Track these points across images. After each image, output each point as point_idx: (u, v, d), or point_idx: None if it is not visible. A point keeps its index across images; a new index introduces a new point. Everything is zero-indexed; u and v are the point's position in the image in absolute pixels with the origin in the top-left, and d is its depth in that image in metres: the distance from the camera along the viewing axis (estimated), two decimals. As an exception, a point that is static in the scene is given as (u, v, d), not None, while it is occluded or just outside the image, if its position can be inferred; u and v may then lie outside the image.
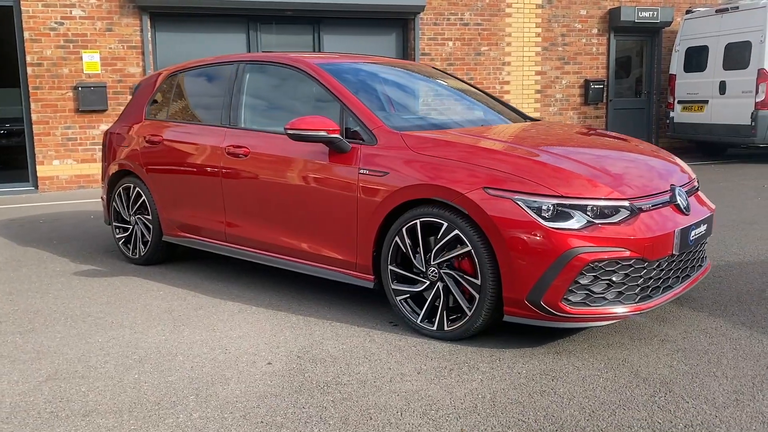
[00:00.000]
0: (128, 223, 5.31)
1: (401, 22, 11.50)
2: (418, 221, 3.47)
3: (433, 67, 5.19)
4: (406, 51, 11.58)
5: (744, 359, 3.14)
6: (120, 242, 5.38)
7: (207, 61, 5.00)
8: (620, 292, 3.21)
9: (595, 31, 12.60)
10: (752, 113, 11.05)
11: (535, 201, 3.16)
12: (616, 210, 3.21)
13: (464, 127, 4.13)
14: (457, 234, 3.32)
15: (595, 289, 3.16)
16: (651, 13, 12.60)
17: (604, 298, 3.18)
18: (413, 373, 3.08)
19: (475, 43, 11.76)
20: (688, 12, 12.43)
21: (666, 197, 3.45)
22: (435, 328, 3.48)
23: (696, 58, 12.16)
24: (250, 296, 4.35)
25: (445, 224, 3.36)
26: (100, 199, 5.92)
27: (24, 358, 3.39)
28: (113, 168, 5.37)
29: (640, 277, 3.23)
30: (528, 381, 2.97)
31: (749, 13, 11.22)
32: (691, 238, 3.47)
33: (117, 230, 5.41)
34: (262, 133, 4.31)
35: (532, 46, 12.18)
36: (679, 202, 3.49)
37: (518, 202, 3.17)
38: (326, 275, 3.99)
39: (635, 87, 13.54)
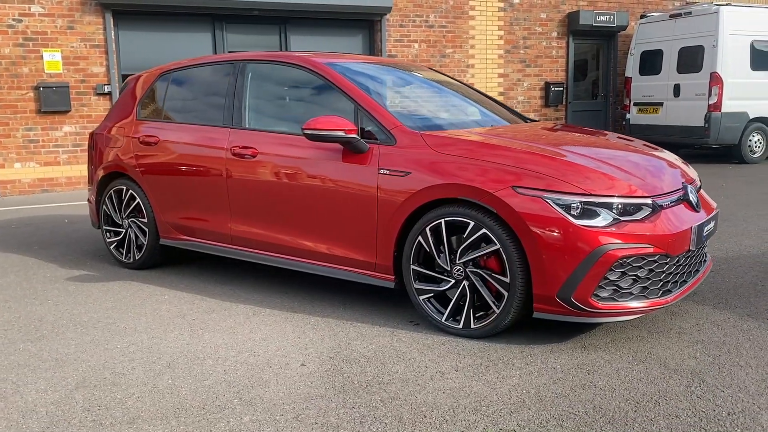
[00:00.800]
0: (120, 226, 5.17)
1: (368, 24, 11.53)
2: (443, 220, 3.51)
3: (429, 68, 5.24)
4: (372, 52, 11.61)
5: (761, 349, 3.30)
6: (111, 246, 5.23)
7: (203, 60, 4.92)
8: (645, 287, 3.32)
9: (554, 34, 12.91)
10: (705, 115, 11.53)
11: (564, 199, 3.24)
12: (638, 207, 3.32)
13: (476, 127, 4.19)
14: (484, 233, 3.38)
15: (622, 285, 3.26)
16: (608, 17, 13.00)
17: (631, 293, 3.29)
18: (451, 370, 3.12)
19: (440, 45, 11.89)
20: (642, 17, 12.87)
21: (680, 195, 3.59)
22: (461, 326, 3.52)
23: (650, 62, 12.60)
24: (260, 299, 4.31)
25: (472, 223, 3.41)
26: (87, 202, 5.73)
27: (44, 367, 3.28)
28: (103, 170, 5.21)
29: (663, 272, 3.35)
30: (565, 375, 3.04)
31: (702, 19, 11.69)
32: (704, 235, 3.62)
33: (108, 234, 5.26)
34: (269, 134, 4.27)
35: (495, 49, 12.39)
36: (691, 199, 3.64)
37: (548, 201, 3.24)
38: (343, 276, 3.98)
39: (591, 89, 13.95)
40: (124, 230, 5.14)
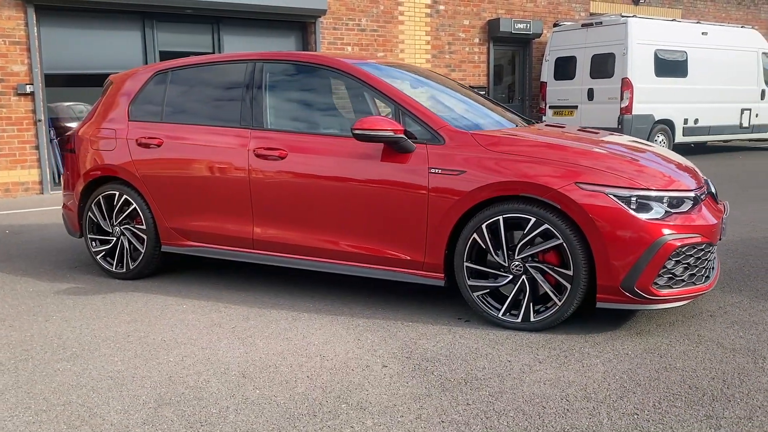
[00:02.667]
0: (110, 234, 4.83)
1: (301, 26, 11.40)
2: (501, 217, 3.57)
3: (430, 70, 5.29)
4: (304, 54, 11.48)
5: (793, 326, 3.62)
6: (98, 256, 4.86)
7: (207, 59, 4.70)
8: (693, 274, 3.54)
9: (476, 40, 13.34)
10: (618, 117, 12.34)
11: (623, 193, 3.39)
12: (682, 200, 3.54)
13: (502, 128, 4.28)
14: (546, 228, 3.47)
15: (676, 272, 3.47)
16: (525, 25, 13.60)
17: (683, 280, 3.51)
18: (535, 363, 3.18)
19: (372, 48, 11.96)
20: (555, 25, 13.57)
21: (706, 189, 3.87)
22: (520, 320, 3.60)
23: (564, 67, 13.32)
24: (288, 303, 4.18)
25: (533, 219, 3.50)
26: (62, 209, 5.29)
27: (103, 386, 3.02)
28: (89, 175, 4.84)
29: (707, 259, 3.60)
30: (642, 360, 3.19)
31: (612, 28, 12.51)
32: (727, 225, 3.91)
33: (94, 243, 4.89)
34: (298, 135, 4.15)
35: (423, 53, 12.63)
36: (713, 192, 3.92)
37: (609, 195, 3.39)
38: (388, 276, 3.94)
39: (508, 93, 14.52)
40: (114, 238, 4.80)
